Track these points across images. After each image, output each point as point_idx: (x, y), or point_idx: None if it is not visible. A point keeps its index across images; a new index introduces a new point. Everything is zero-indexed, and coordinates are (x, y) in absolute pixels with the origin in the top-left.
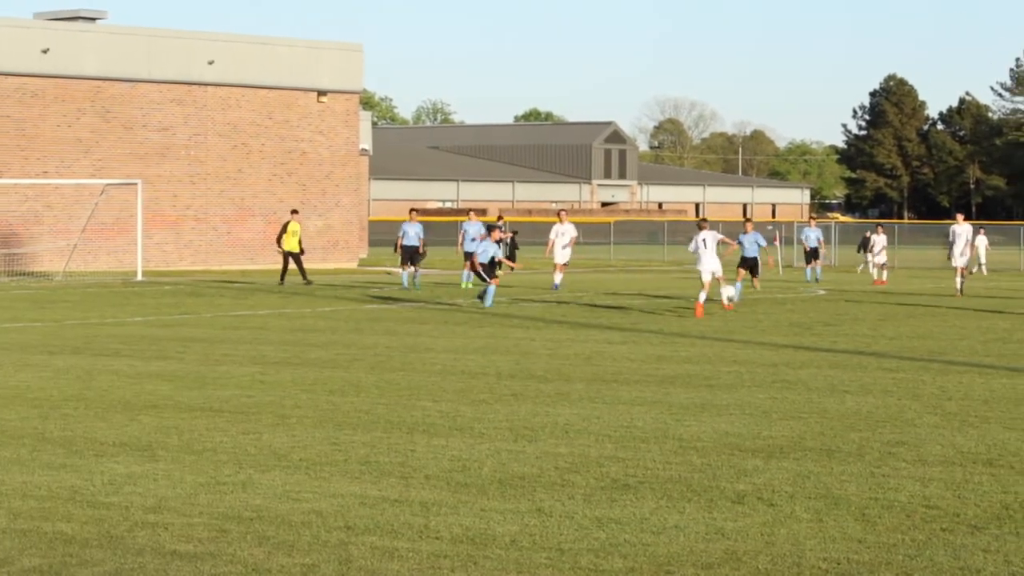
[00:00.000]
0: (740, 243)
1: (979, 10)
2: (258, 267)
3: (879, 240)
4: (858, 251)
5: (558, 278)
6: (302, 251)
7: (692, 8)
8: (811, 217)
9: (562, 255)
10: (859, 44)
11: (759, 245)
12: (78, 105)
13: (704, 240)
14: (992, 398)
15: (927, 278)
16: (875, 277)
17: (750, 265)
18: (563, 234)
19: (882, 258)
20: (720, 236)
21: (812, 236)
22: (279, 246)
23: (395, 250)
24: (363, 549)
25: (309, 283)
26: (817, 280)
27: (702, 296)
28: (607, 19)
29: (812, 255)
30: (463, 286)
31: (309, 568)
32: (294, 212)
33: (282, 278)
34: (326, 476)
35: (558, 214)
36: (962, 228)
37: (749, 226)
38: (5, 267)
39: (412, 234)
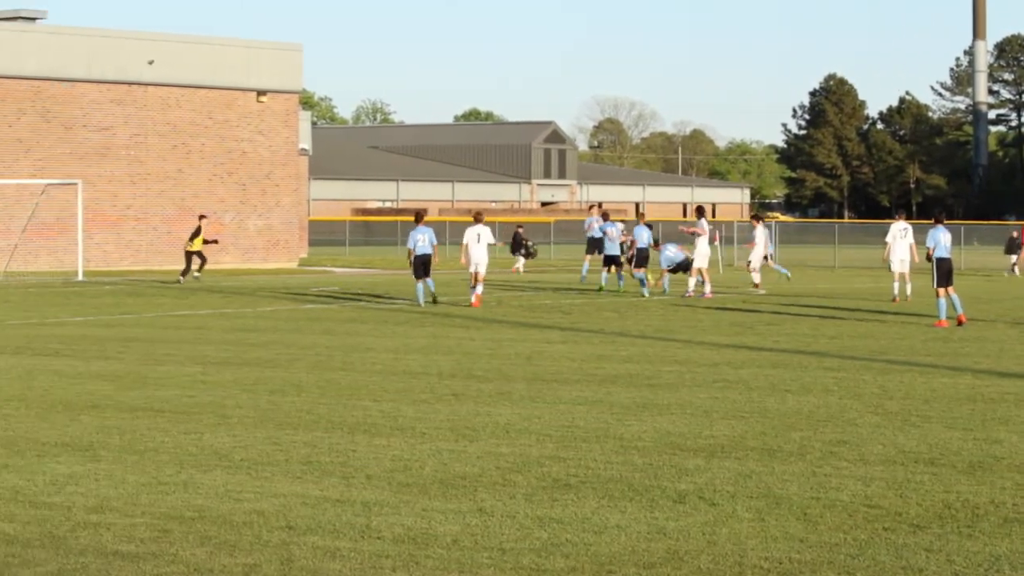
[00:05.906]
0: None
1: (919, 9)
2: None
3: None
4: (1006, 253)
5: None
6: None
7: (632, 6)
8: (640, 215)
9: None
10: (799, 43)
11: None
12: (18, 105)
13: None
14: (933, 397)
15: (868, 277)
16: None
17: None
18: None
19: None
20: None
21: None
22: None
23: (628, 258)
24: (305, 549)
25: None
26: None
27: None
28: (547, 17)
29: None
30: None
31: (251, 568)
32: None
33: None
34: (267, 476)
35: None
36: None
37: (642, 219)
38: None
39: (616, 235)
